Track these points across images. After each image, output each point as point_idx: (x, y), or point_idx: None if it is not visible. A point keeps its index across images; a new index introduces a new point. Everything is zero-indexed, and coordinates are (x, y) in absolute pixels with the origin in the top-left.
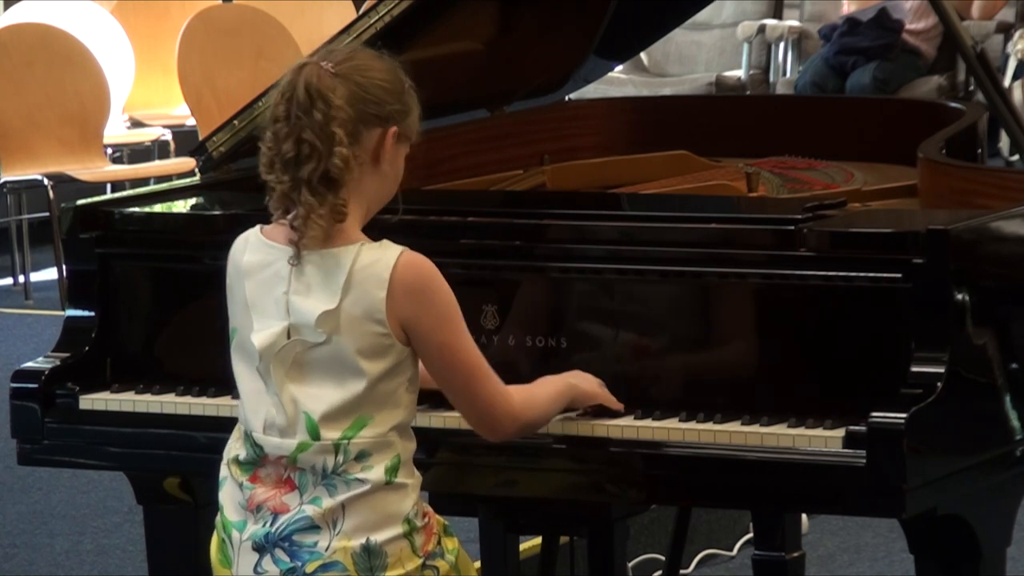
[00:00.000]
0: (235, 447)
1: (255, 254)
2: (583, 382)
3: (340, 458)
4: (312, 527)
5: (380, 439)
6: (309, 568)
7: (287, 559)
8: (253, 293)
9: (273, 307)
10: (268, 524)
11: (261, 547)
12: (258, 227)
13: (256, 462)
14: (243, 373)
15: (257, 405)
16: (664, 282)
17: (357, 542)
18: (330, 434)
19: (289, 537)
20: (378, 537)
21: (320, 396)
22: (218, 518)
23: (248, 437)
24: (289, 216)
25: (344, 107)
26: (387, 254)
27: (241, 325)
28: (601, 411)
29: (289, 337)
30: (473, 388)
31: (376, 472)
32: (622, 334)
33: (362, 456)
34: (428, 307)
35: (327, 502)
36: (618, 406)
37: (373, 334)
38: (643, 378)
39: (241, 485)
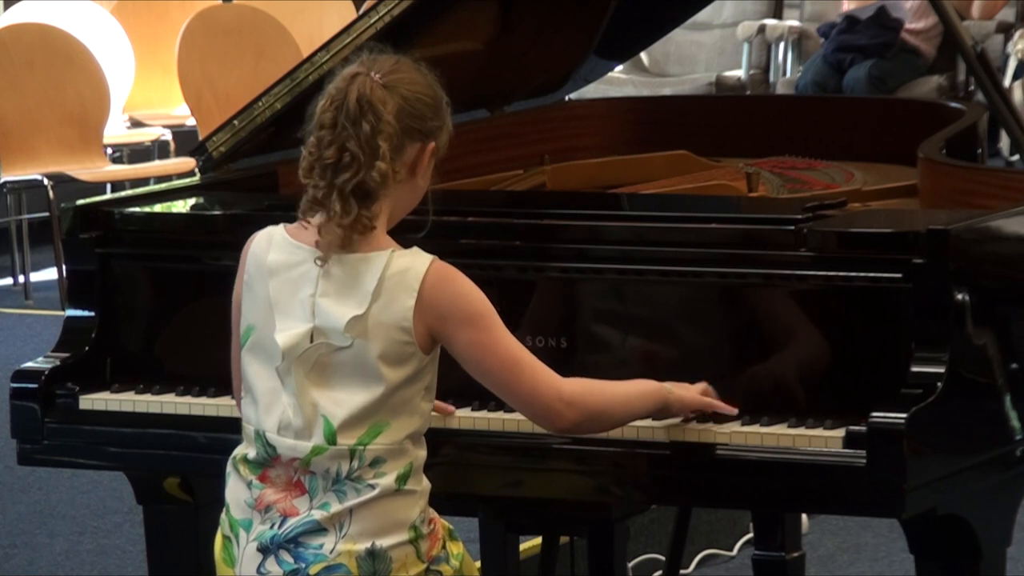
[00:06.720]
0: (244, 447)
1: (280, 253)
2: (680, 388)
3: (355, 463)
4: (318, 530)
5: (395, 446)
6: (313, 570)
7: (291, 560)
8: (277, 292)
9: (298, 308)
10: (276, 526)
11: (266, 548)
12: (281, 225)
13: (266, 462)
14: (258, 372)
15: (272, 405)
16: (664, 282)
17: (362, 546)
18: (346, 440)
19: (295, 539)
20: (383, 542)
21: (340, 401)
22: (223, 515)
23: (259, 437)
24: (315, 219)
25: (392, 122)
26: (418, 262)
27: (260, 323)
28: (711, 416)
29: (312, 340)
30: (512, 379)
31: (388, 479)
32: (622, 334)
33: (376, 462)
34: (453, 310)
35: (335, 507)
36: (730, 410)
37: (398, 341)
38: (643, 378)
39: (250, 484)
